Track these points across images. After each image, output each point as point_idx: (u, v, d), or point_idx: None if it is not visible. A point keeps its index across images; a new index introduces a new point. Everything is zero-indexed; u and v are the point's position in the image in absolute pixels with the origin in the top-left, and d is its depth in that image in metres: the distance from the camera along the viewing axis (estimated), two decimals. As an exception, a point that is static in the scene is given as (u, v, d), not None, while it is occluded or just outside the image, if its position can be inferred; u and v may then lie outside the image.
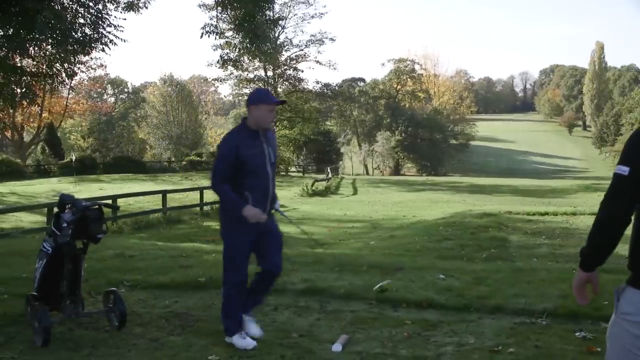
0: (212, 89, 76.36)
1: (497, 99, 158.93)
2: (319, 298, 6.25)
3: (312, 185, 30.12)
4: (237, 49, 18.59)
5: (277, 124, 50.17)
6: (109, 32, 12.25)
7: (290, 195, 27.88)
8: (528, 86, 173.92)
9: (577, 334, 5.04)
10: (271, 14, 16.86)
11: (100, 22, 12.13)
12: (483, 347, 4.79)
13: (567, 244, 11.09)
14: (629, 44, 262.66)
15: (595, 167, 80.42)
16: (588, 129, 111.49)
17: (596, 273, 2.49)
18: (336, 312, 5.79)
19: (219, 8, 15.74)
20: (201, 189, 20.73)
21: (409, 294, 6.25)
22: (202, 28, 14.96)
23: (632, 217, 2.35)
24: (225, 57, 19.71)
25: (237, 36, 17.53)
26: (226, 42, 18.95)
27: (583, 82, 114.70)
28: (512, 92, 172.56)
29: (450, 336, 5.08)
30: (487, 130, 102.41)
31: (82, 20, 12.09)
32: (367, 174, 69.10)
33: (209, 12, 25.12)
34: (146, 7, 12.98)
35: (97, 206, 5.08)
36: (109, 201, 15.53)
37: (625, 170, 2.30)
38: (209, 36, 15.00)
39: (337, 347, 4.75)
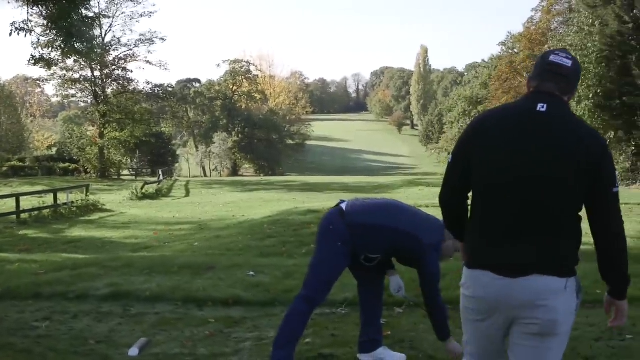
0: (39, 90, 72.01)
1: (331, 99, 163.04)
2: (123, 302, 6.06)
3: (142, 188, 29.26)
4: (59, 48, 17.71)
5: (106, 126, 48.29)
6: None
7: (119, 199, 26.90)
8: (360, 87, 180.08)
9: (371, 320, 5.27)
10: (90, 12, 16.13)
11: None
12: (281, 339, 4.88)
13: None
14: (450, 48, 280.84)
15: (422, 163, 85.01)
16: (415, 127, 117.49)
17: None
18: (140, 315, 5.66)
19: (31, 4, 14.89)
20: (17, 196, 19.35)
21: (216, 292, 6.24)
22: (12, 25, 14.09)
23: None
24: (38, 56, 18.58)
25: (51, 34, 16.69)
26: (39, 40, 17.96)
27: (410, 83, 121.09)
28: (345, 92, 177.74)
29: (251, 331, 5.13)
30: (322, 130, 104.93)
31: None
32: (205, 175, 68.39)
33: (22, 7, 23.66)
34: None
35: None
36: None
37: (450, 158, 2.61)
38: (18, 34, 14.14)
39: (133, 351, 4.62)
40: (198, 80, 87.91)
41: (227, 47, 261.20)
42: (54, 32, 14.89)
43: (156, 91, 51.12)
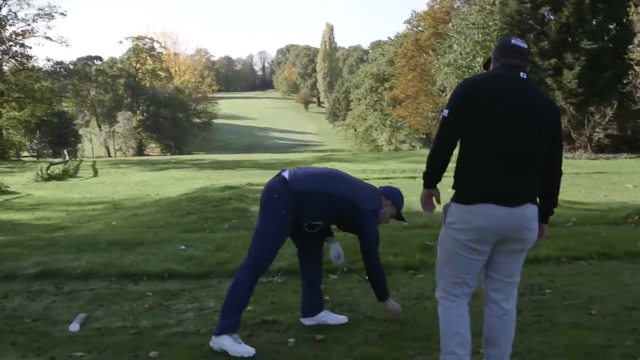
0: None
1: (237, 77, 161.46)
2: (54, 280, 5.98)
3: (48, 169, 28.26)
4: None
5: (4, 105, 46.00)
6: None
7: (23, 181, 25.86)
8: (266, 65, 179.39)
9: (309, 287, 5.46)
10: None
11: None
12: (223, 309, 4.97)
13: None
14: (355, 27, 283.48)
15: (330, 140, 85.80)
16: (322, 105, 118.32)
17: (436, 189, 3.31)
18: (74, 292, 5.60)
19: None
20: None
21: (149, 267, 6.26)
22: None
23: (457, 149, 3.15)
24: None
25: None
26: None
27: (316, 61, 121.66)
28: (251, 70, 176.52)
29: (191, 302, 5.20)
30: (229, 108, 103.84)
31: None
32: (109, 156, 66.43)
33: None
34: None
35: None
36: None
37: (446, 112, 3.08)
38: None
39: (74, 326, 4.60)
40: (99, 58, 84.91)
41: (130, 24, 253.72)
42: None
43: (57, 69, 48.98)
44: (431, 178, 3.26)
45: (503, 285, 3.23)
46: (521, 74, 3.06)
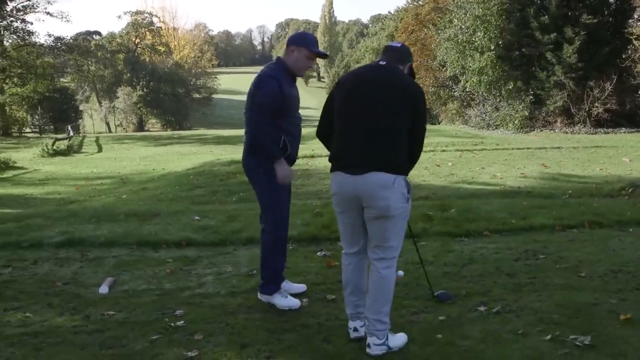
0: None
1: (237, 52, 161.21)
2: (79, 248, 6.36)
3: (53, 145, 28.58)
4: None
5: (7, 80, 46.03)
6: None
7: (29, 157, 26.19)
8: (266, 39, 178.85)
9: (318, 253, 5.87)
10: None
11: None
12: (240, 273, 5.36)
13: (307, 184, 12.10)
14: (355, 0, 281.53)
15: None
16: (322, 79, 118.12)
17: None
18: (98, 259, 5.97)
19: None
20: None
21: (167, 235, 6.62)
22: None
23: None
24: None
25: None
26: None
27: (316, 35, 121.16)
28: (251, 45, 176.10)
29: (210, 267, 5.57)
30: (229, 83, 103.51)
31: None
32: (110, 131, 66.57)
33: None
34: None
35: None
36: None
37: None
38: None
39: (103, 289, 4.97)
40: (98, 33, 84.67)
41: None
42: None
43: (58, 44, 48.87)
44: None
45: (375, 247, 3.55)
46: (381, 62, 3.64)
